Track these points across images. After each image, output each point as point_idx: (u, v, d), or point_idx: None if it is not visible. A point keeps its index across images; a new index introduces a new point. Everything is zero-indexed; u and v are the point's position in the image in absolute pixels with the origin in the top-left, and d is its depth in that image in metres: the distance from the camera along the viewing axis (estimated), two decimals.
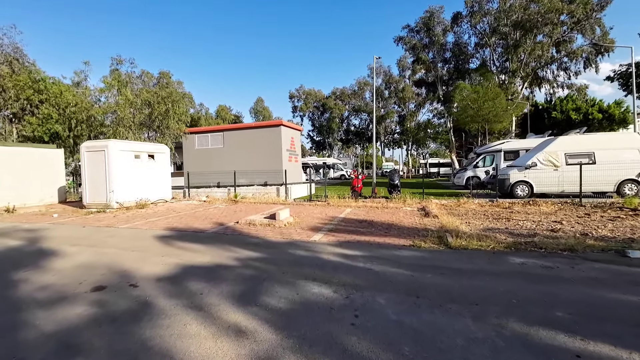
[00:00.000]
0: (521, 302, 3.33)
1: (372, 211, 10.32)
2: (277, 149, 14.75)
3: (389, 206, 11.28)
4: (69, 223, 8.72)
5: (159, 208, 11.59)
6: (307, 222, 8.43)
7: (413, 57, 37.31)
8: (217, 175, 15.48)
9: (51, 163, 13.64)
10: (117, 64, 14.65)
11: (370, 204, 11.72)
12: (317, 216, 9.37)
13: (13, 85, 16.81)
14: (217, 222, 8.61)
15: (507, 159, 16.76)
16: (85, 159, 11.28)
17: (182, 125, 15.18)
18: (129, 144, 11.81)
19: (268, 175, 14.62)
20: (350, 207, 11.28)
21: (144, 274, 4.33)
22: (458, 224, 7.58)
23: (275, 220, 8.03)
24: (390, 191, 13.33)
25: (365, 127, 61.69)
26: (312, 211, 10.43)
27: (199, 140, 15.88)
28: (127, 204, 11.33)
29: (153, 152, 12.68)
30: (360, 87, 57.78)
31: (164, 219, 9.19)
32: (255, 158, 15.03)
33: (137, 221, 8.80)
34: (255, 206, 12.05)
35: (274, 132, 14.83)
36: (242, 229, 7.50)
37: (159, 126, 14.83)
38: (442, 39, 34.08)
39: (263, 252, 5.44)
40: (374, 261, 4.86)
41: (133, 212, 10.48)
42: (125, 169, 11.40)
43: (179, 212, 10.51)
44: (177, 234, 7.06)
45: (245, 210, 10.82)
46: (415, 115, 57.19)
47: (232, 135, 15.38)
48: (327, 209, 11.08)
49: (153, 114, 14.32)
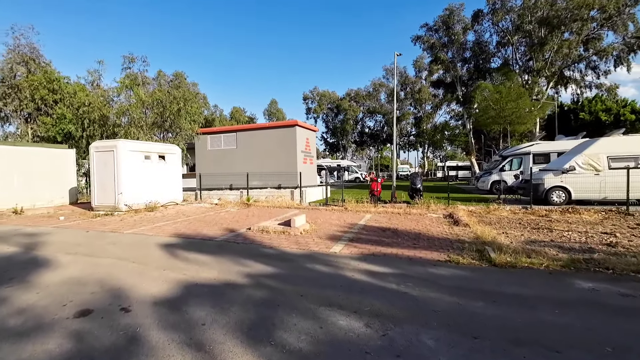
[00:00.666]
0: (619, 350, 2.52)
1: (394, 218, 9.53)
2: (291, 150, 14.12)
3: (411, 212, 10.45)
4: (73, 227, 8.28)
5: (168, 211, 11.10)
6: (325, 229, 7.72)
7: (431, 56, 36.19)
8: (229, 177, 14.97)
9: (62, 163, 13.40)
10: (130, 62, 14.42)
11: (391, 210, 10.92)
12: (335, 223, 8.65)
13: (28, 85, 16.79)
14: (228, 228, 8.00)
15: (536, 162, 15.65)
16: (94, 160, 10.91)
17: (194, 126, 14.76)
18: (138, 144, 11.39)
19: (282, 177, 14.00)
20: (370, 213, 10.51)
21: (140, 293, 3.70)
22: (495, 235, 6.73)
23: (290, 227, 7.36)
24: (411, 196, 12.48)
25: (380, 129, 60.63)
26: (329, 217, 9.72)
27: (211, 140, 15.42)
28: (136, 207, 10.88)
29: (164, 153, 12.24)
30: (375, 88, 56.84)
31: (172, 223, 8.65)
32: (269, 160, 14.44)
33: (143, 226, 8.28)
34: (268, 210, 11.42)
35: (288, 132, 14.22)
36: (255, 237, 6.85)
37: (170, 126, 14.44)
38: (462, 37, 32.90)
39: (277, 267, 4.75)
40: (408, 281, 4.11)
41: (141, 216, 10.01)
42: (135, 170, 10.97)
43: (189, 216, 9.97)
44: (184, 242, 6.47)
45: (258, 215, 10.20)
46: (431, 116, 55.85)
47: (245, 136, 14.85)
48: (345, 214, 10.35)
49: (165, 113, 13.93)
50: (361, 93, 58.00)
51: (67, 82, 17.61)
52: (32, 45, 17.98)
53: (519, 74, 30.79)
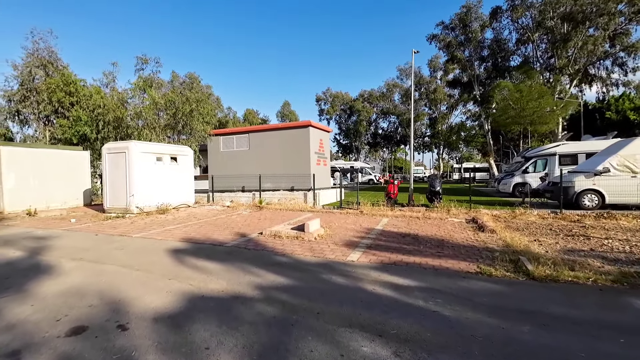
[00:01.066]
0: None
1: (413, 222, 9.02)
2: (305, 151, 13.77)
3: (431, 216, 9.91)
4: (83, 230, 8.12)
5: (180, 214, 10.90)
6: (341, 234, 7.30)
7: (447, 55, 35.30)
8: (241, 179, 14.73)
9: (77, 165, 13.43)
10: (143, 64, 14.39)
11: (409, 213, 10.40)
12: (351, 227, 8.21)
13: (46, 88, 17.01)
14: (239, 232, 7.67)
15: (563, 163, 14.81)
16: (107, 161, 10.82)
17: (207, 127, 14.60)
18: (150, 146, 11.25)
19: (295, 179, 13.66)
20: (387, 217, 10.03)
21: (141, 307, 3.37)
22: (527, 243, 6.17)
23: (304, 232, 6.97)
24: (430, 199, 11.91)
25: (394, 130, 59.76)
26: (345, 221, 9.28)
27: (224, 142, 15.24)
28: (147, 209, 10.72)
29: (176, 154, 12.08)
30: (389, 88, 56.03)
31: (183, 227, 8.39)
32: (282, 161, 14.13)
33: (153, 229, 8.05)
34: (281, 213, 11.08)
35: (302, 133, 13.87)
36: (267, 243, 6.49)
37: (183, 127, 14.32)
38: (479, 35, 31.93)
39: (291, 277, 4.36)
40: (437, 297, 3.65)
41: (152, 218, 9.82)
42: (147, 171, 10.82)
43: (200, 219, 9.72)
44: (193, 248, 6.16)
45: (270, 218, 9.87)
46: (447, 117, 54.67)
47: (258, 137, 14.60)
48: (361, 218, 9.89)
49: (177, 114, 13.82)
50: (375, 94, 57.31)
51: (83, 85, 17.78)
52: (51, 49, 18.24)
53: (540, 72, 29.59)
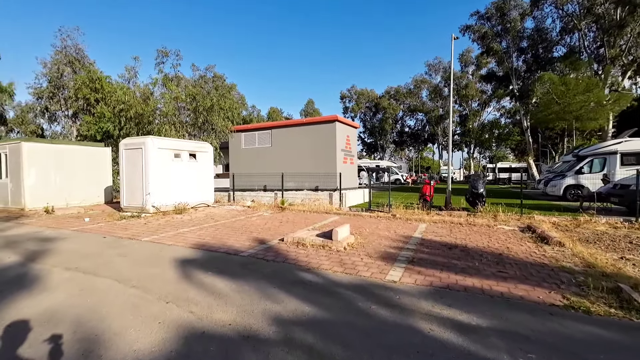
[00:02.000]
0: None
1: (456, 229, 7.81)
2: (330, 148, 12.79)
3: (476, 222, 8.63)
4: (93, 231, 7.57)
5: (197, 214, 10.24)
6: (374, 243, 6.26)
7: (481, 48, 33.06)
8: (263, 178, 13.98)
9: (99, 162, 13.19)
10: (163, 57, 13.97)
11: (449, 219, 9.17)
12: (385, 235, 7.14)
13: (73, 84, 17.04)
14: (258, 237, 6.81)
15: (626, 163, 12.96)
16: (124, 158, 10.35)
17: (228, 123, 13.98)
18: (168, 141, 10.68)
19: (320, 178, 12.72)
20: (424, 222, 8.86)
21: (119, 350, 2.52)
22: (613, 262, 4.88)
23: (331, 240, 5.99)
24: (472, 202, 10.57)
25: (421, 128, 57.56)
26: (376, 226, 8.22)
27: (245, 139, 14.56)
28: (164, 209, 10.15)
29: (195, 151, 11.46)
30: (416, 85, 53.96)
31: (197, 230, 7.66)
32: (306, 159, 13.23)
33: (165, 232, 7.36)
34: (304, 216, 10.17)
35: (327, 129, 12.90)
36: (288, 252, 5.57)
37: (204, 122, 13.77)
38: (518, 25, 29.55)
39: (318, 305, 3.39)
40: (526, 347, 2.57)
41: (167, 219, 9.20)
42: (164, 169, 10.25)
43: (217, 221, 8.99)
44: (203, 257, 5.34)
45: (293, 221, 8.97)
46: (478, 114, 51.93)
47: (281, 133, 13.79)
48: (394, 223, 8.78)
49: (198, 109, 13.27)
50: (401, 90, 55.39)
51: (108, 82, 17.70)
52: (78, 46, 18.35)
53: (588, 62, 26.91)
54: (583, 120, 25.43)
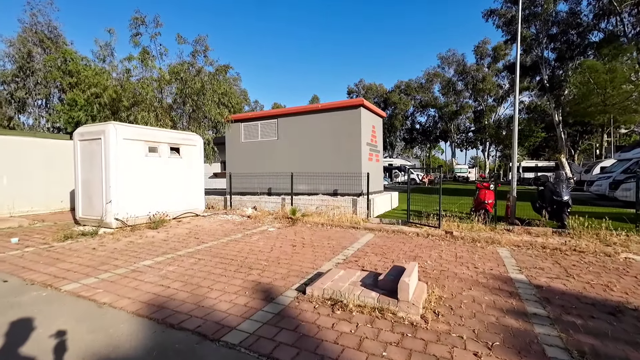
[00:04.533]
0: None
1: (566, 262, 5.00)
2: (354, 141, 10.01)
3: (581, 247, 5.81)
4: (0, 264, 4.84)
5: (179, 229, 7.51)
6: (466, 301, 3.51)
7: (506, 35, 30.04)
8: (268, 179, 11.23)
9: (64, 158, 10.49)
10: (139, 25, 11.06)
11: (533, 239, 6.34)
12: (466, 275, 4.35)
13: (43, 67, 14.32)
14: (261, 283, 4.05)
15: None
16: (79, 152, 7.64)
17: (223, 110, 11.22)
18: (139, 130, 7.94)
19: (339, 180, 9.96)
20: (502, 246, 6.07)
21: None
22: None
23: (395, 298, 3.24)
24: (553, 213, 7.73)
25: (432, 124, 54.53)
26: (439, 254, 5.42)
27: (245, 130, 11.80)
28: (133, 221, 7.43)
29: (178, 144, 8.72)
30: (428, 79, 50.97)
31: (167, 263, 4.91)
32: (322, 155, 10.47)
33: (115, 268, 4.63)
34: (325, 232, 7.40)
35: (350, 116, 10.10)
36: (320, 328, 2.82)
37: (193, 109, 11.05)
38: (551, 7, 26.51)
39: None
40: None
41: (133, 239, 6.47)
42: (133, 167, 7.53)
43: (202, 243, 6.25)
44: (150, 346, 2.58)
45: (312, 243, 6.20)
46: (494, 110, 48.86)
47: (289, 123, 11.02)
48: (459, 247, 5.98)
49: (185, 92, 10.55)
50: (412, 85, 52.37)
51: (85, 64, 14.94)
52: (51, 23, 15.59)
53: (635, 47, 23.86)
54: (629, 113, 22.51)
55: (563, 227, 7.46)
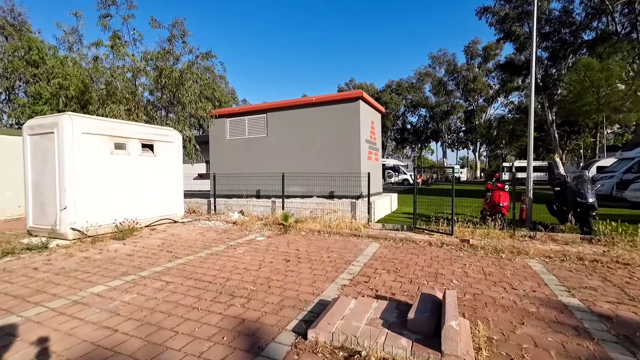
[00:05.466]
0: None
1: (618, 279, 4.10)
2: (352, 138, 9.02)
3: (625, 259, 4.94)
4: None
5: (150, 240, 6.37)
6: (527, 348, 2.49)
7: (499, 33, 29.64)
8: (256, 180, 10.15)
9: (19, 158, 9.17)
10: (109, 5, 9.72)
11: (564, 248, 5.46)
12: (507, 301, 3.39)
13: (3, 56, 12.91)
14: (243, 320, 2.99)
15: None
16: (28, 149, 6.42)
17: (206, 104, 10.06)
18: (102, 123, 6.75)
19: (336, 181, 8.97)
20: (529, 256, 5.15)
21: None
22: None
23: (442, 354, 2.24)
24: (579, 217, 6.90)
25: (424, 125, 54.16)
26: (463, 270, 4.46)
27: (231, 126, 10.66)
28: (94, 230, 6.26)
29: (151, 140, 7.56)
30: (420, 78, 50.55)
31: (121, 292, 3.80)
32: (316, 153, 9.46)
33: (48, 300, 3.50)
34: (322, 242, 6.37)
35: (348, 110, 9.11)
36: None
37: (171, 103, 9.84)
38: (545, 4, 26.17)
39: None
40: None
41: (90, 254, 5.32)
42: (95, 166, 6.35)
43: (176, 258, 5.14)
44: None
45: (308, 257, 5.17)
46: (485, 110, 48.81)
47: (280, 119, 9.96)
48: (482, 260, 5.04)
49: (161, 82, 9.33)
50: (403, 84, 51.85)
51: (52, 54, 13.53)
52: (13, 8, 14.15)
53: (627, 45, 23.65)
54: (624, 112, 22.26)
55: (590, 232, 6.64)
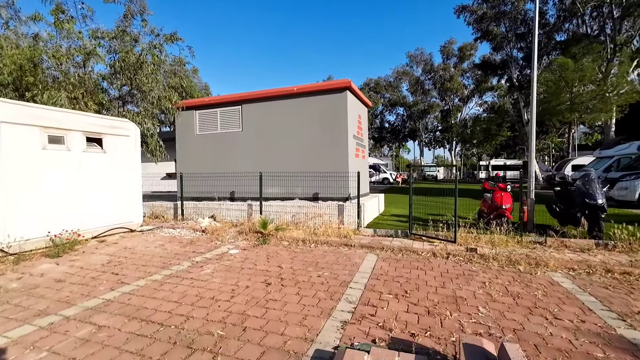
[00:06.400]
0: None
1: None
2: (338, 133, 8.06)
3: None
4: None
5: (93, 257, 5.12)
6: None
7: (477, 32, 29.71)
8: (230, 180, 8.98)
9: None
10: None
11: (584, 256, 4.79)
12: (576, 349, 2.53)
13: None
14: None
15: None
16: None
17: (172, 93, 8.70)
18: (31, 110, 5.39)
19: (321, 181, 8.00)
20: (559, 272, 4.42)
21: None
22: None
23: None
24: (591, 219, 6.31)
25: (401, 124, 54.30)
26: (498, 298, 3.60)
27: (201, 119, 9.38)
28: (19, 246, 4.93)
29: (99, 133, 6.24)
30: (397, 77, 50.48)
31: (26, 349, 2.63)
32: (297, 150, 8.43)
33: None
34: (311, 256, 5.37)
35: (333, 102, 8.12)
36: None
37: (129, 91, 8.43)
38: (521, 5, 26.41)
39: None
40: None
41: (5, 281, 4.04)
42: (20, 164, 5.02)
43: (120, 285, 3.98)
44: None
45: (294, 277, 4.15)
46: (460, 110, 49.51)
47: (256, 111, 8.81)
48: (505, 276, 4.24)
49: (115, 65, 7.92)
50: (381, 83, 51.62)
51: None
52: None
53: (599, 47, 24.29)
54: (595, 112, 22.83)
55: (600, 237, 6.07)
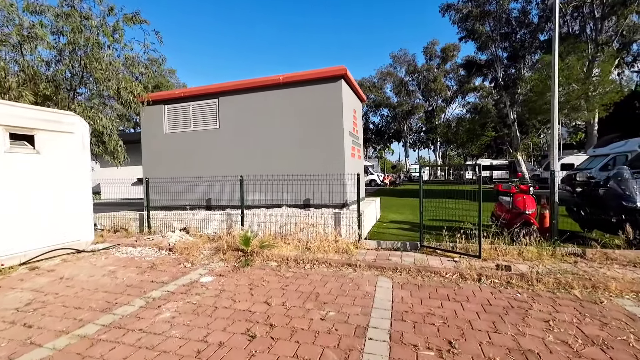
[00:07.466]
0: None
1: None
2: (332, 129, 6.93)
3: None
4: None
5: (8, 297, 3.76)
6: None
7: (462, 31, 29.45)
8: (206, 186, 7.69)
9: None
10: None
11: None
12: None
13: None
14: None
15: None
16: None
17: (135, 85, 7.33)
18: None
19: (313, 185, 6.87)
20: (631, 300, 3.43)
21: None
22: None
23: None
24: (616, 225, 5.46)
25: (386, 124, 53.94)
26: (584, 354, 2.54)
27: (171, 115, 8.01)
28: None
29: (30, 128, 4.87)
30: (381, 77, 50.08)
31: None
32: (285, 150, 7.26)
33: None
34: (306, 283, 4.21)
35: (326, 93, 6.97)
36: None
37: (81, 80, 7.02)
38: (507, 3, 26.23)
39: None
40: None
41: None
42: None
43: (26, 349, 2.68)
44: None
45: (288, 323, 2.97)
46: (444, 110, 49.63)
47: (236, 104, 7.54)
48: (569, 309, 3.21)
49: (64, 49, 6.49)
50: (365, 84, 51.08)
51: None
52: None
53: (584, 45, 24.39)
54: (579, 111, 22.88)
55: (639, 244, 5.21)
